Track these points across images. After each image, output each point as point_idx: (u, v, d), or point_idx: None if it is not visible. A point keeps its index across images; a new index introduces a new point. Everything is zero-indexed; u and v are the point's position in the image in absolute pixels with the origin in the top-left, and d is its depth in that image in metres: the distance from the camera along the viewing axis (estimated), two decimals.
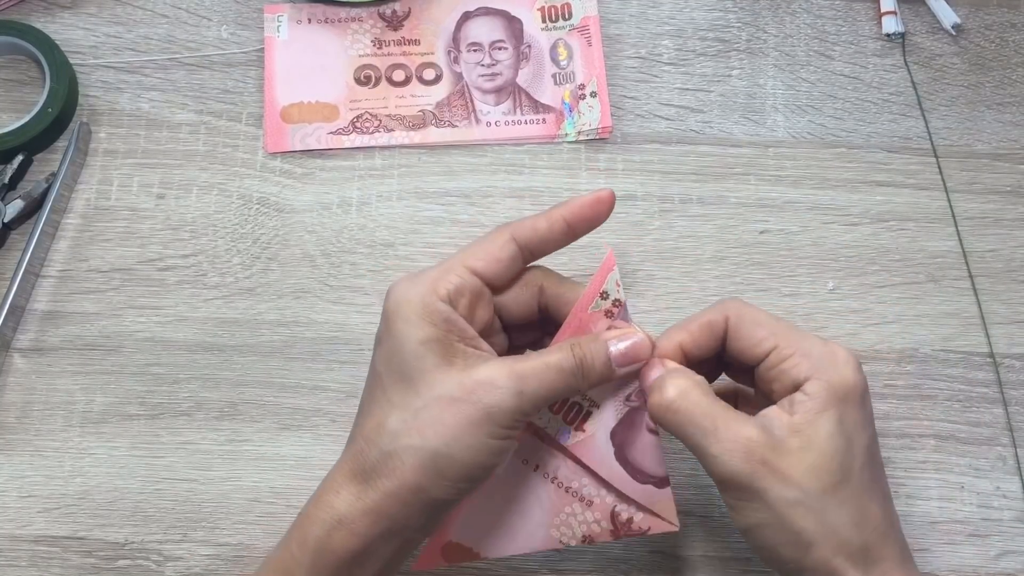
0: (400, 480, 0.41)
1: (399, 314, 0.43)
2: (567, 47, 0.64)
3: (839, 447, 0.42)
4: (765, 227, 0.61)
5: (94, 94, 0.62)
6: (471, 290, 0.44)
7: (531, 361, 0.43)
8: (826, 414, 0.42)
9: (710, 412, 0.42)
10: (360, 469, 0.42)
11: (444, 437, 0.41)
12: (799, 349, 0.43)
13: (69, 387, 0.57)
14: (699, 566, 0.54)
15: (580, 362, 0.43)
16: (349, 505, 0.42)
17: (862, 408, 0.43)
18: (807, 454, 0.41)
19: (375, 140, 0.62)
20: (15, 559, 0.54)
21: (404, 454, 0.41)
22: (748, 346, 0.44)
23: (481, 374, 0.42)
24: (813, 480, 0.41)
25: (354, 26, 0.64)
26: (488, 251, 0.45)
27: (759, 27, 0.65)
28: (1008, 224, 0.61)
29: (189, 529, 0.54)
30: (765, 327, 0.44)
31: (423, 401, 0.42)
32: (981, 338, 0.59)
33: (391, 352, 0.43)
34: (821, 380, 0.42)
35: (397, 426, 0.42)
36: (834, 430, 0.42)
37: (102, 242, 0.59)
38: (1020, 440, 0.57)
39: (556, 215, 0.46)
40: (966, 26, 0.65)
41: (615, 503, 0.47)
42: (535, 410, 0.43)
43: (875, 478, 0.43)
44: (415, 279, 0.44)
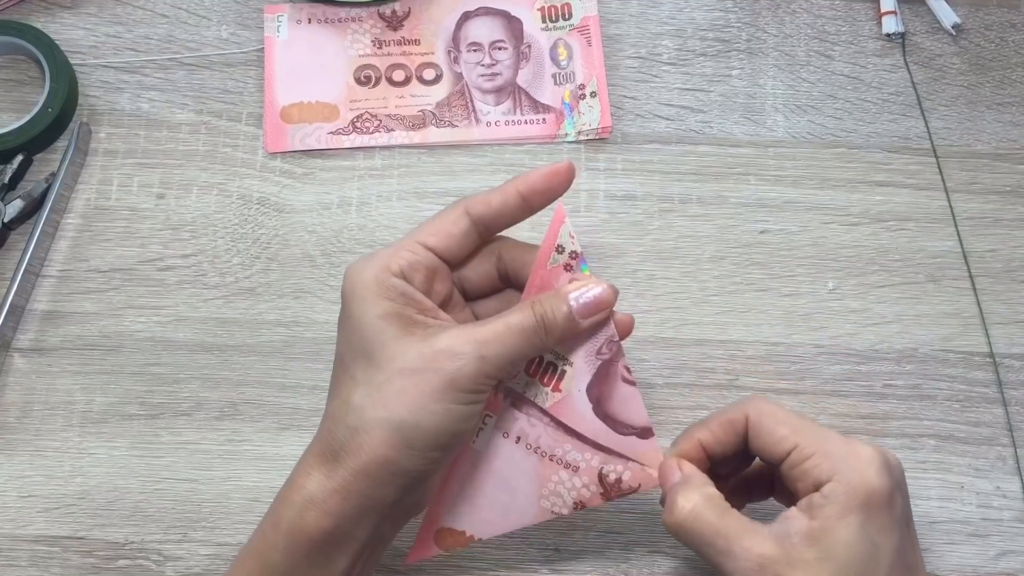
0: (368, 455, 0.41)
1: (355, 293, 0.43)
2: (567, 47, 0.64)
3: (860, 555, 0.40)
4: (765, 227, 0.61)
5: (94, 94, 0.62)
6: (425, 265, 0.44)
7: (491, 325, 0.42)
8: (846, 520, 0.40)
9: (723, 530, 0.42)
10: (328, 448, 0.42)
11: (408, 407, 0.41)
12: (820, 449, 0.42)
13: (69, 387, 0.57)
14: (699, 566, 0.54)
15: (541, 319, 0.43)
16: (319, 485, 0.42)
17: (888, 510, 0.41)
18: (825, 565, 0.40)
19: (375, 140, 0.62)
20: (15, 559, 0.54)
21: (370, 428, 0.41)
22: (768, 444, 0.44)
23: (441, 343, 0.41)
24: None
25: (354, 26, 0.64)
26: (441, 227, 0.45)
27: (759, 27, 0.65)
28: (1008, 224, 0.61)
29: (189, 529, 0.54)
30: (786, 425, 0.43)
31: (385, 375, 0.41)
32: (981, 338, 0.59)
33: (350, 331, 0.43)
34: (841, 483, 0.41)
35: (361, 401, 0.42)
36: (855, 537, 0.40)
37: (102, 242, 0.59)
38: (1020, 440, 0.57)
39: (510, 188, 0.45)
40: (966, 26, 0.65)
41: (601, 464, 0.47)
42: (500, 373, 0.43)
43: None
44: (369, 259, 0.44)
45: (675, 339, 0.58)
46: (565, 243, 0.45)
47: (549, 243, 0.45)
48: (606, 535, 0.54)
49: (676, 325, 0.58)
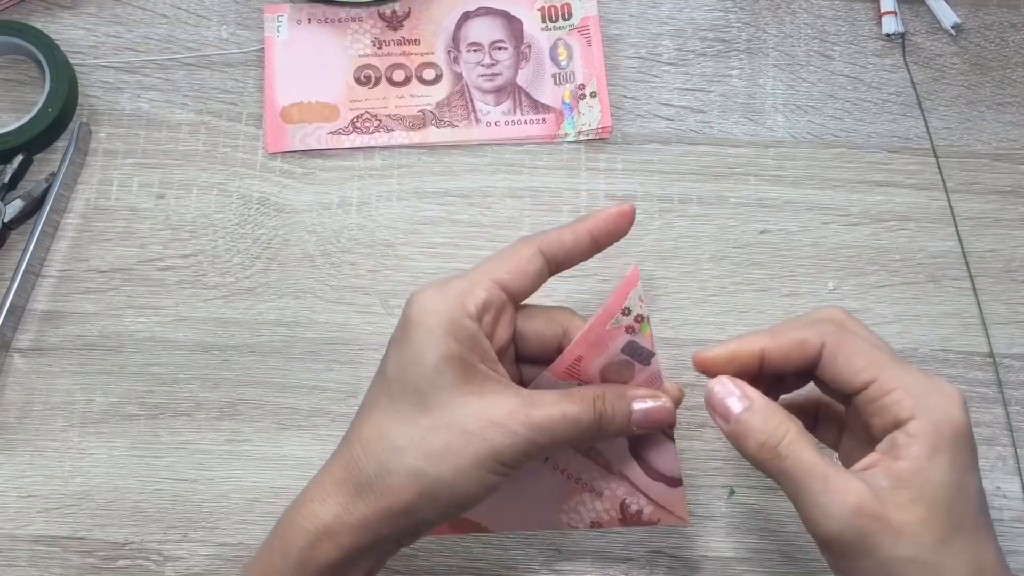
0: (394, 500, 0.41)
1: (423, 324, 0.41)
2: (567, 47, 0.64)
3: (952, 495, 0.39)
4: (765, 227, 0.61)
5: (94, 94, 0.62)
6: (497, 305, 0.43)
7: (548, 409, 0.41)
8: (935, 459, 0.39)
9: (820, 462, 0.39)
10: (352, 479, 0.41)
11: (449, 466, 0.40)
12: (901, 384, 0.40)
13: (69, 387, 0.57)
14: (699, 566, 0.54)
15: (599, 417, 0.42)
16: (335, 517, 0.41)
17: (971, 449, 0.40)
18: (918, 507, 0.38)
19: (375, 140, 0.62)
20: (15, 559, 0.54)
21: (404, 474, 0.40)
22: (845, 375, 0.41)
23: (496, 412, 0.41)
24: (926, 533, 0.38)
25: (354, 26, 0.64)
26: (515, 264, 0.43)
27: (759, 27, 0.65)
28: (1008, 224, 0.61)
29: (189, 529, 0.54)
30: (864, 356, 0.41)
31: (433, 423, 0.41)
32: (981, 338, 0.59)
33: (408, 361, 0.41)
34: (927, 420, 0.39)
35: (402, 442, 0.41)
36: (945, 477, 0.39)
37: (102, 242, 0.59)
38: (1020, 440, 0.57)
39: (582, 228, 0.44)
40: (966, 26, 0.65)
41: (625, 495, 0.46)
42: (544, 454, 0.43)
43: (987, 523, 0.40)
44: (443, 289, 0.42)
45: (675, 339, 0.58)
46: (633, 306, 0.43)
47: (616, 303, 0.42)
48: (606, 535, 0.54)
49: (676, 325, 0.58)
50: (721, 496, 0.55)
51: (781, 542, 0.55)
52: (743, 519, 0.55)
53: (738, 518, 0.55)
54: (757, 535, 0.55)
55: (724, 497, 0.55)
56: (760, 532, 0.55)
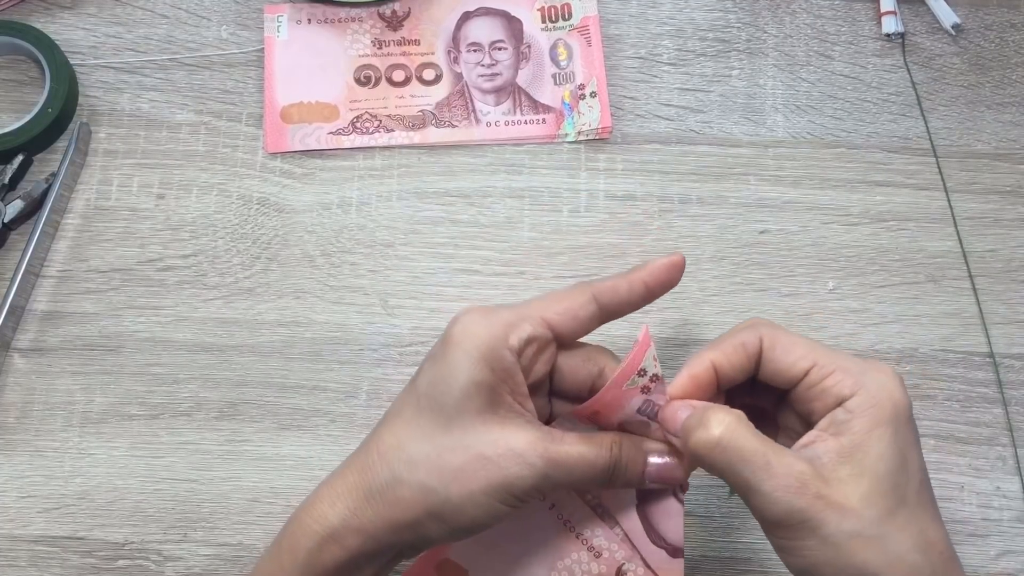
0: (402, 512, 0.41)
1: (462, 346, 0.42)
2: (567, 47, 0.64)
3: (893, 468, 0.39)
4: (765, 227, 0.61)
5: (94, 94, 0.62)
6: (541, 342, 0.43)
7: (567, 447, 0.42)
8: (875, 433, 0.39)
9: (760, 448, 0.40)
10: (364, 485, 0.42)
11: (460, 489, 0.41)
12: (839, 365, 0.41)
13: (69, 387, 0.57)
14: (699, 566, 0.54)
15: (614, 463, 0.43)
16: (343, 520, 0.41)
17: (911, 425, 0.41)
18: (861, 480, 0.39)
19: (375, 140, 0.62)
20: (15, 559, 0.54)
21: (415, 488, 0.41)
22: (784, 366, 0.42)
23: (517, 442, 0.41)
24: (870, 507, 0.38)
25: (354, 26, 0.64)
26: (569, 308, 0.44)
27: (759, 27, 0.65)
28: (1008, 224, 0.61)
29: (189, 529, 0.54)
30: (801, 345, 0.42)
31: (451, 443, 0.41)
32: (981, 338, 0.59)
33: (440, 378, 0.42)
34: (867, 396, 0.40)
35: (417, 456, 0.41)
36: (885, 451, 0.39)
37: (102, 242, 0.59)
38: (1020, 440, 0.57)
39: (637, 279, 0.45)
40: (966, 26, 0.65)
41: (624, 560, 0.46)
42: (555, 491, 0.43)
43: (931, 499, 0.41)
44: (490, 315, 0.43)
45: (675, 339, 0.58)
46: (648, 367, 0.43)
47: (632, 366, 0.43)
48: None
49: (676, 325, 0.58)
50: (721, 496, 0.55)
51: None
52: (743, 519, 0.55)
53: (738, 518, 0.55)
54: (757, 535, 0.55)
55: (724, 497, 0.55)
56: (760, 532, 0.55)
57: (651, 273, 0.45)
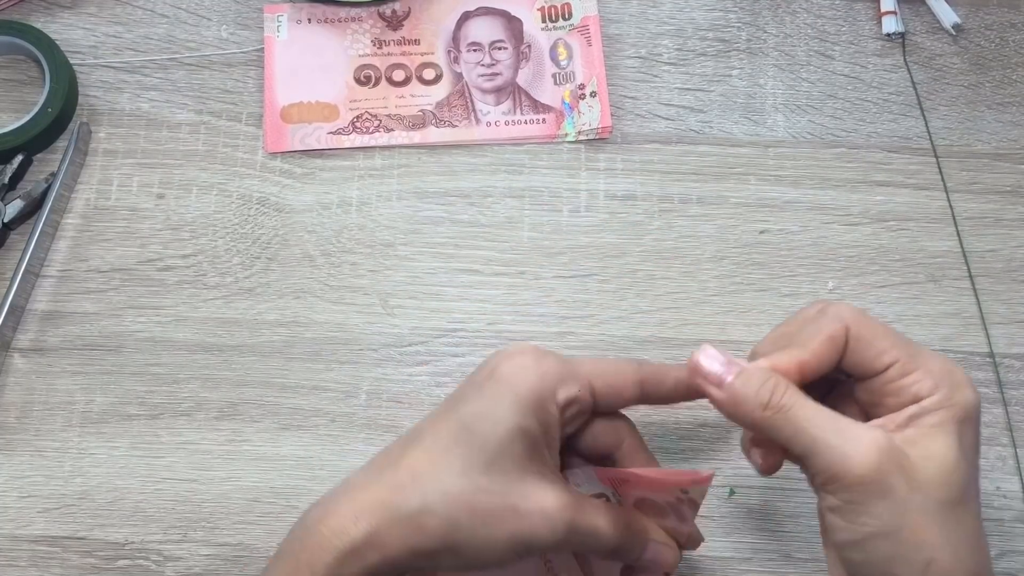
0: (425, 540, 0.41)
1: (514, 387, 0.42)
2: (567, 47, 0.64)
3: (960, 464, 0.39)
4: (765, 227, 0.61)
5: (94, 94, 0.62)
6: (581, 406, 0.44)
7: (590, 519, 0.42)
8: (945, 429, 0.39)
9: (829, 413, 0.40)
10: (393, 505, 0.41)
11: (486, 533, 0.41)
12: (922, 365, 0.41)
13: (69, 387, 0.57)
14: (699, 566, 0.54)
15: (620, 543, 0.43)
16: (367, 539, 0.40)
17: (977, 429, 0.41)
18: (929, 464, 0.39)
19: (375, 140, 0.62)
20: (15, 559, 0.54)
21: (444, 521, 0.40)
22: (868, 358, 0.41)
23: (550, 502, 0.41)
24: (937, 490, 0.38)
25: (354, 26, 0.64)
26: (616, 382, 0.44)
27: (759, 27, 0.65)
28: (1008, 224, 0.61)
29: (189, 529, 0.54)
30: (886, 338, 0.42)
31: (489, 485, 0.41)
32: (981, 338, 0.59)
33: (487, 414, 0.42)
34: (943, 397, 0.40)
35: (453, 489, 0.41)
36: (953, 447, 0.39)
37: (102, 242, 0.59)
38: (1020, 440, 0.57)
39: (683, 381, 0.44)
40: (966, 26, 0.65)
41: None
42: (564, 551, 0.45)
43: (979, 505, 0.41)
44: (542, 363, 0.42)
45: (675, 339, 0.58)
46: (695, 496, 0.44)
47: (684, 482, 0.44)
48: None
49: (676, 325, 0.58)
50: (721, 496, 0.55)
51: (781, 542, 0.55)
52: (743, 519, 0.55)
53: (738, 518, 0.55)
54: (757, 535, 0.55)
55: (724, 497, 0.55)
56: (760, 532, 0.55)
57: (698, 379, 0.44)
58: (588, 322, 0.58)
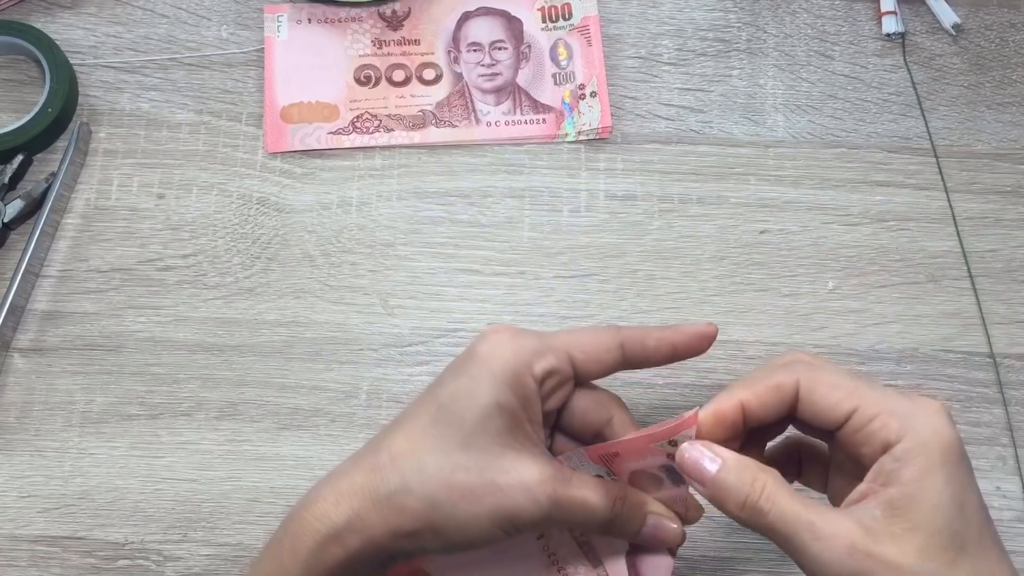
0: (406, 520, 0.41)
1: (489, 365, 0.42)
2: (567, 47, 0.64)
3: (949, 516, 0.37)
4: (765, 227, 0.61)
5: (94, 94, 0.62)
6: (561, 377, 0.43)
7: (574, 491, 0.42)
8: (928, 481, 0.37)
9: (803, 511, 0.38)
10: (372, 488, 0.41)
11: (467, 510, 0.40)
12: (884, 408, 0.39)
13: (69, 387, 0.57)
14: (699, 566, 0.54)
15: (614, 517, 0.43)
16: (347, 522, 0.41)
17: (964, 463, 0.38)
18: (916, 535, 0.37)
19: (375, 140, 0.62)
20: (15, 559, 0.54)
21: (423, 500, 0.40)
22: (824, 409, 0.40)
23: (530, 475, 0.41)
24: (928, 561, 0.37)
25: (354, 26, 0.64)
26: (595, 349, 0.44)
27: (759, 27, 0.65)
28: (1008, 224, 0.61)
29: (189, 529, 0.54)
30: (841, 388, 0.40)
31: (467, 462, 0.41)
32: (981, 338, 0.59)
33: (463, 394, 0.42)
34: (914, 441, 0.38)
35: (432, 468, 0.41)
36: (940, 499, 0.37)
37: (102, 242, 0.59)
38: (1020, 440, 0.57)
39: (665, 339, 0.45)
40: (966, 26, 0.65)
41: None
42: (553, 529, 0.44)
43: (994, 538, 0.38)
44: (517, 339, 0.42)
45: None
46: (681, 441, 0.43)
47: (668, 432, 0.43)
48: None
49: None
50: None
51: None
52: None
53: None
54: (757, 535, 0.54)
55: None
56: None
57: (681, 337, 0.45)
58: (588, 322, 0.58)
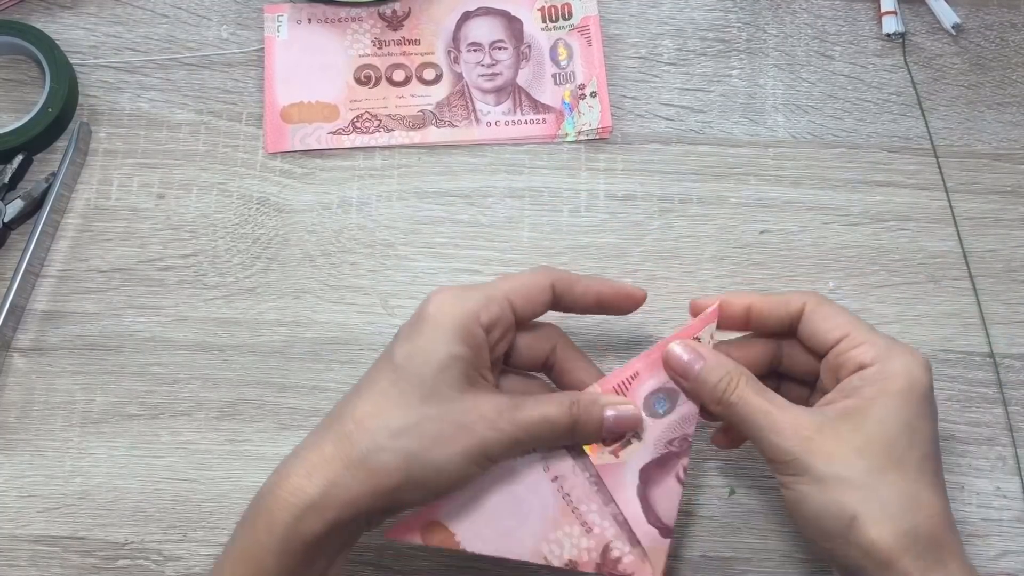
0: (384, 478, 0.42)
1: (439, 322, 0.44)
2: (567, 47, 0.64)
3: (893, 434, 0.43)
4: (765, 227, 0.61)
5: (94, 94, 0.62)
6: (504, 323, 0.46)
7: (530, 410, 0.44)
8: (882, 400, 0.43)
9: (764, 404, 0.45)
10: (343, 455, 0.42)
11: (440, 454, 0.43)
12: (870, 339, 0.45)
13: (69, 387, 0.57)
14: (699, 566, 0.54)
15: (574, 421, 0.45)
16: (323, 491, 0.42)
17: (926, 402, 0.44)
18: (855, 435, 0.43)
19: (375, 140, 0.62)
20: (15, 559, 0.54)
21: (398, 455, 0.42)
22: (821, 330, 0.46)
23: (489, 409, 0.44)
24: (859, 459, 0.42)
25: (354, 26, 0.64)
26: (530, 292, 0.47)
27: (759, 27, 0.65)
28: (1008, 224, 0.61)
29: (189, 529, 0.54)
30: (841, 318, 0.46)
31: (431, 412, 0.43)
32: (981, 338, 0.59)
33: (418, 352, 0.44)
34: (883, 367, 0.44)
35: (399, 424, 0.43)
36: (887, 417, 0.43)
37: (102, 242, 0.59)
38: (1020, 440, 0.57)
39: (593, 289, 0.48)
40: (966, 26, 0.65)
41: (612, 538, 0.47)
42: (528, 451, 0.46)
43: (935, 471, 0.44)
44: (462, 295, 0.45)
45: None
46: (704, 338, 0.48)
47: (689, 332, 0.48)
48: None
49: (676, 325, 0.58)
50: (721, 496, 0.55)
51: (781, 542, 0.55)
52: (743, 519, 0.55)
53: (738, 518, 0.55)
54: (757, 535, 0.55)
55: (724, 497, 0.55)
56: (760, 532, 0.55)
57: (606, 291, 0.48)
58: (588, 322, 0.58)
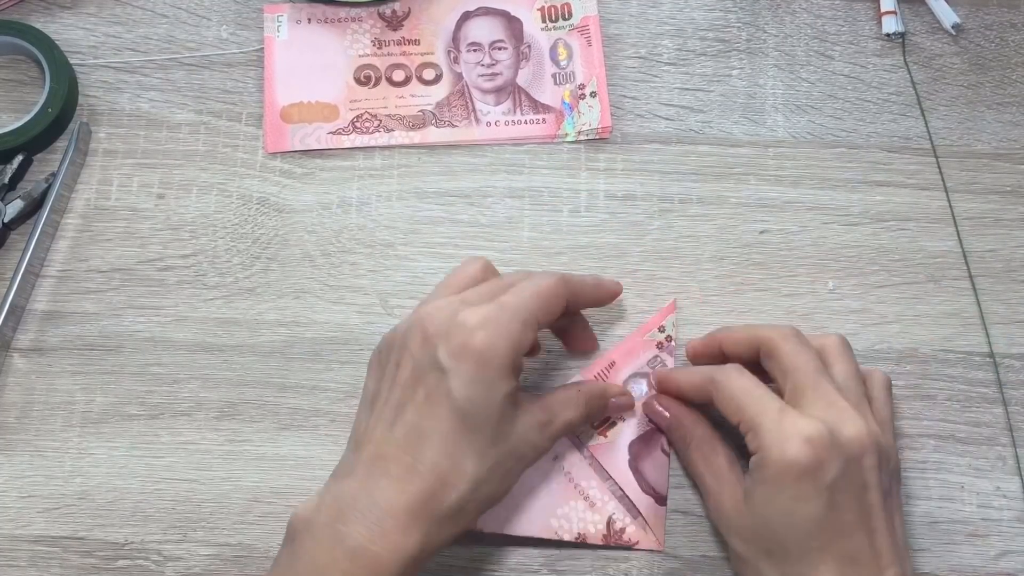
0: (468, 523, 0.46)
1: (492, 364, 0.45)
2: (567, 47, 0.64)
3: (773, 518, 0.46)
4: (765, 227, 0.61)
5: (94, 94, 0.62)
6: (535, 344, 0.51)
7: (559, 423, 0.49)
8: (760, 488, 0.47)
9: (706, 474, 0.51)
10: (433, 512, 0.44)
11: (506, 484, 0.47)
12: (753, 426, 0.47)
13: (69, 387, 0.57)
14: (699, 566, 0.54)
15: (588, 413, 0.51)
16: (420, 547, 0.44)
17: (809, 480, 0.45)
18: (750, 519, 0.48)
19: (375, 140, 0.62)
20: (15, 559, 0.54)
21: (480, 502, 0.46)
22: (725, 411, 0.50)
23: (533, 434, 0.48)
24: (752, 543, 0.48)
25: (354, 26, 0.64)
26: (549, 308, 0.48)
27: (759, 27, 0.65)
28: (1008, 224, 0.61)
29: (189, 529, 0.54)
30: (733, 401, 0.49)
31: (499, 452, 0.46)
32: (981, 338, 0.59)
33: (482, 397, 0.45)
34: (762, 456, 0.47)
35: (479, 475, 0.45)
36: (766, 503, 0.46)
37: (102, 242, 0.59)
38: (1020, 440, 0.57)
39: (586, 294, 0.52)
40: (966, 26, 0.65)
41: (614, 511, 0.53)
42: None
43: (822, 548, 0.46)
44: (501, 328, 0.45)
45: (675, 339, 0.58)
46: (667, 327, 0.57)
47: (654, 322, 0.57)
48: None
49: (676, 325, 0.58)
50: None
51: None
52: None
53: None
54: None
55: None
56: None
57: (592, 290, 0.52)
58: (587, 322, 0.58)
